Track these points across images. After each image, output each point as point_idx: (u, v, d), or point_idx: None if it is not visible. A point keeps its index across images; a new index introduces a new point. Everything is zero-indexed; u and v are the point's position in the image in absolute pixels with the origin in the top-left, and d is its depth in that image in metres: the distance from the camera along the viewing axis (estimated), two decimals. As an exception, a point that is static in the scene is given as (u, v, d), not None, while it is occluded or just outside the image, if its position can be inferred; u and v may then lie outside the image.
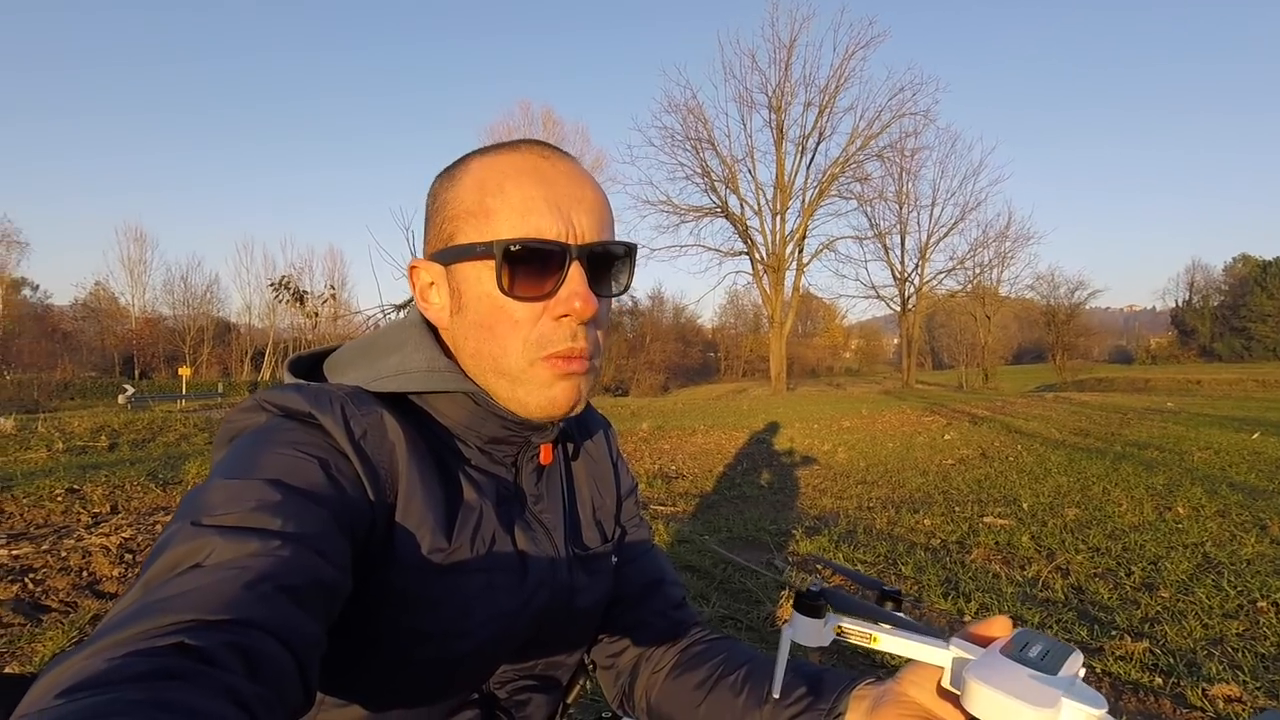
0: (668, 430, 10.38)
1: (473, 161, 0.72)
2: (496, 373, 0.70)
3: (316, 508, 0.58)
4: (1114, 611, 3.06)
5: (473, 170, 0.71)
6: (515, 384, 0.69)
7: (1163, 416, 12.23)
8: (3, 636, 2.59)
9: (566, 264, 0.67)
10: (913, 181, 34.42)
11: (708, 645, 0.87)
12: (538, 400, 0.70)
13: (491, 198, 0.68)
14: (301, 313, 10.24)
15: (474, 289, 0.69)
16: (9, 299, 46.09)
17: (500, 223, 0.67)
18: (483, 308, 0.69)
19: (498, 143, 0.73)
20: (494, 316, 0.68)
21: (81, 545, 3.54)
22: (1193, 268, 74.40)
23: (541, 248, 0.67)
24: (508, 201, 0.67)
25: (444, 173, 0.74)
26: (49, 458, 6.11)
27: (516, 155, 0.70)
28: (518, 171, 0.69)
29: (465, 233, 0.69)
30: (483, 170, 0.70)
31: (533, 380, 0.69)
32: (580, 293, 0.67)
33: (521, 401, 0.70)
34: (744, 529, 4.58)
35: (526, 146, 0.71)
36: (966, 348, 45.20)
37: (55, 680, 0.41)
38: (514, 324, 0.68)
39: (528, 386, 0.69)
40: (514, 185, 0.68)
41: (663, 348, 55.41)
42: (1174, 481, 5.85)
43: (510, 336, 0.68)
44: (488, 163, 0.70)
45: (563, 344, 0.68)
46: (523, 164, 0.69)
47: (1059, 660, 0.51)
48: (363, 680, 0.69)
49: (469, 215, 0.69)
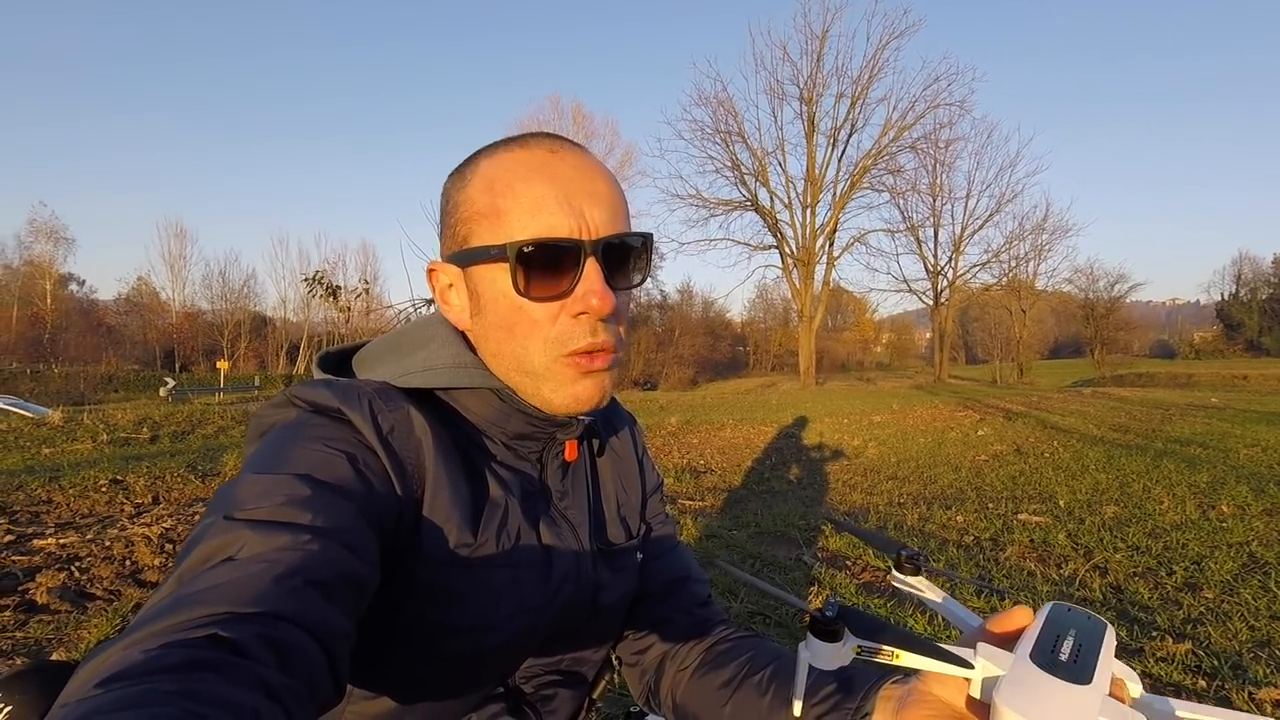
0: (696, 424, 10.36)
1: (481, 161, 0.71)
2: (520, 372, 0.70)
3: (345, 502, 0.59)
4: (1155, 612, 2.98)
5: (482, 170, 0.70)
6: (539, 382, 0.70)
7: (1206, 412, 11.90)
8: (50, 623, 2.67)
9: (581, 261, 0.67)
10: (947, 173, 33.87)
11: (733, 644, 0.86)
12: (562, 398, 0.70)
13: (502, 198, 0.67)
14: (335, 307, 10.39)
15: (491, 290, 0.69)
16: (56, 293, 47.51)
17: (512, 223, 0.66)
18: (501, 309, 0.68)
19: (507, 138, 0.72)
20: (513, 317, 0.68)
21: (125, 535, 3.64)
22: (1240, 260, 72.23)
23: (555, 246, 0.66)
24: (518, 201, 0.66)
25: (455, 173, 0.73)
26: (94, 449, 6.29)
27: (524, 152, 0.69)
28: (526, 169, 0.67)
29: (479, 235, 0.68)
30: (491, 169, 0.69)
31: (556, 378, 0.69)
32: (597, 289, 0.66)
33: (546, 399, 0.70)
34: (773, 524, 4.56)
35: (534, 141, 0.70)
36: (1001, 342, 44.45)
37: (94, 671, 0.42)
38: (533, 324, 0.68)
39: (551, 384, 0.69)
40: (523, 184, 0.67)
41: (691, 342, 55.28)
42: (1218, 479, 5.69)
43: (530, 336, 0.68)
44: (496, 161, 0.69)
45: (583, 340, 0.68)
46: (531, 161, 0.68)
47: (1092, 654, 0.48)
48: (390, 673, 0.69)
49: (481, 217, 0.68)
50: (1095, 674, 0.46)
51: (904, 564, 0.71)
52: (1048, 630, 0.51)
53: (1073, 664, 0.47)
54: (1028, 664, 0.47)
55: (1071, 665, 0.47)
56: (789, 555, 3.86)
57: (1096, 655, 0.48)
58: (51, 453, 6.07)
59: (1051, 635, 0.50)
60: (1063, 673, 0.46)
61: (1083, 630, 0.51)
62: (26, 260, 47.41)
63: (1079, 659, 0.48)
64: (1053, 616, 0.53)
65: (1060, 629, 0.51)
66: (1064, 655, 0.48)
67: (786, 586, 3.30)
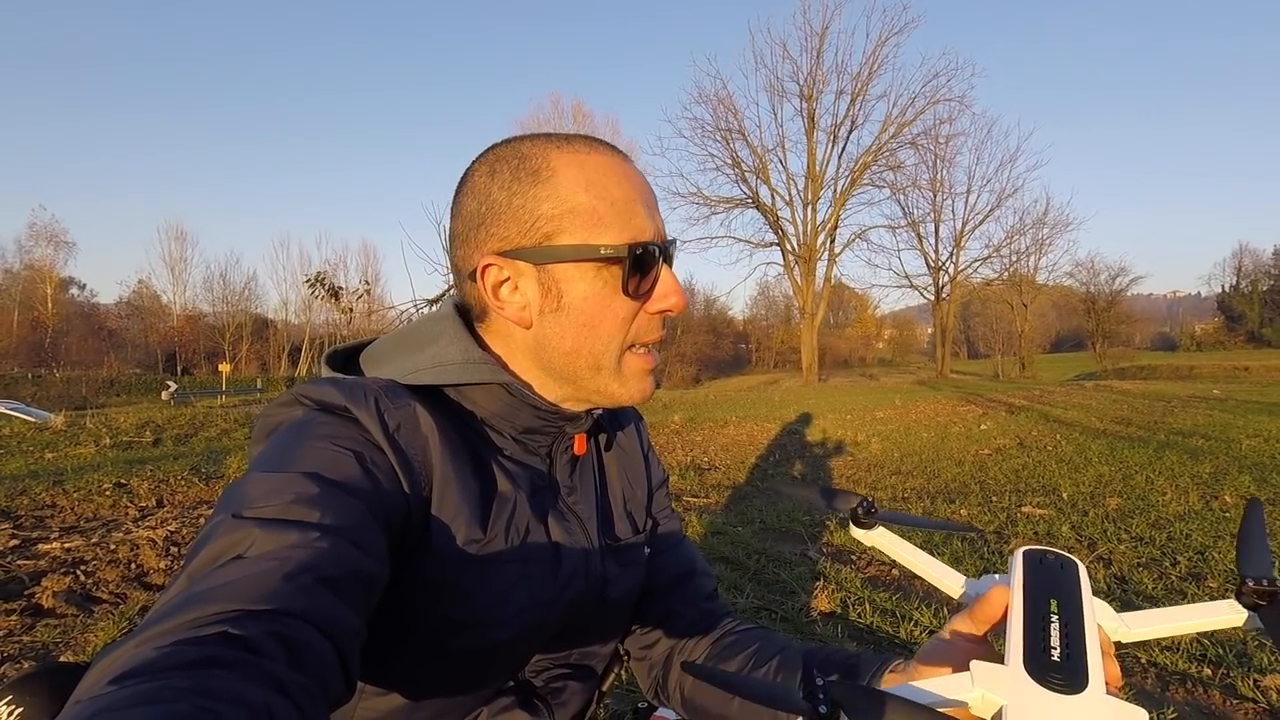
0: (700, 422, 10.36)
1: (555, 158, 0.70)
2: (593, 368, 0.72)
3: (353, 500, 0.59)
4: (1159, 602, 2.98)
5: (565, 168, 0.69)
6: (611, 377, 0.72)
7: (1209, 404, 11.89)
8: (57, 627, 2.68)
9: (662, 262, 0.71)
10: (947, 169, 33.82)
11: (739, 636, 0.87)
12: (630, 391, 0.74)
13: (600, 200, 0.69)
14: (336, 308, 10.38)
15: (580, 288, 0.69)
16: (57, 297, 47.56)
17: (610, 224, 0.69)
18: (589, 307, 0.70)
19: (559, 136, 0.73)
20: (600, 315, 0.70)
21: (129, 538, 3.65)
22: (1240, 251, 72.21)
23: (653, 249, 0.70)
24: (614, 204, 0.69)
25: (508, 166, 0.71)
26: (97, 453, 6.29)
27: (601, 156, 0.71)
28: (610, 171, 0.70)
29: (571, 233, 0.68)
30: (576, 168, 0.69)
31: (626, 370, 0.73)
32: (677, 289, 0.72)
33: (612, 393, 0.73)
34: (777, 520, 4.56)
35: (602, 146, 0.72)
36: (1003, 336, 44.44)
37: (107, 668, 0.42)
38: (619, 321, 0.71)
39: (622, 377, 0.73)
40: (615, 186, 0.70)
41: (694, 340, 55.27)
42: (1221, 470, 5.68)
43: (615, 333, 0.71)
44: (578, 160, 0.70)
45: (655, 335, 0.74)
46: (612, 165, 0.71)
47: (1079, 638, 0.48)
48: (401, 669, 0.70)
49: (573, 214, 0.68)
50: (1090, 674, 0.46)
51: (861, 519, 0.73)
52: (1032, 613, 0.51)
53: (1066, 663, 0.47)
54: (1025, 682, 0.46)
55: (1065, 666, 0.47)
56: (794, 550, 3.86)
57: (1083, 641, 0.48)
58: (54, 457, 6.07)
59: (1037, 621, 0.51)
60: (1060, 683, 0.46)
61: (1062, 595, 0.52)
62: (27, 264, 47.51)
63: (1070, 651, 0.48)
64: (1030, 586, 0.54)
65: (1043, 605, 0.52)
66: (1055, 651, 0.48)
67: (792, 582, 3.30)
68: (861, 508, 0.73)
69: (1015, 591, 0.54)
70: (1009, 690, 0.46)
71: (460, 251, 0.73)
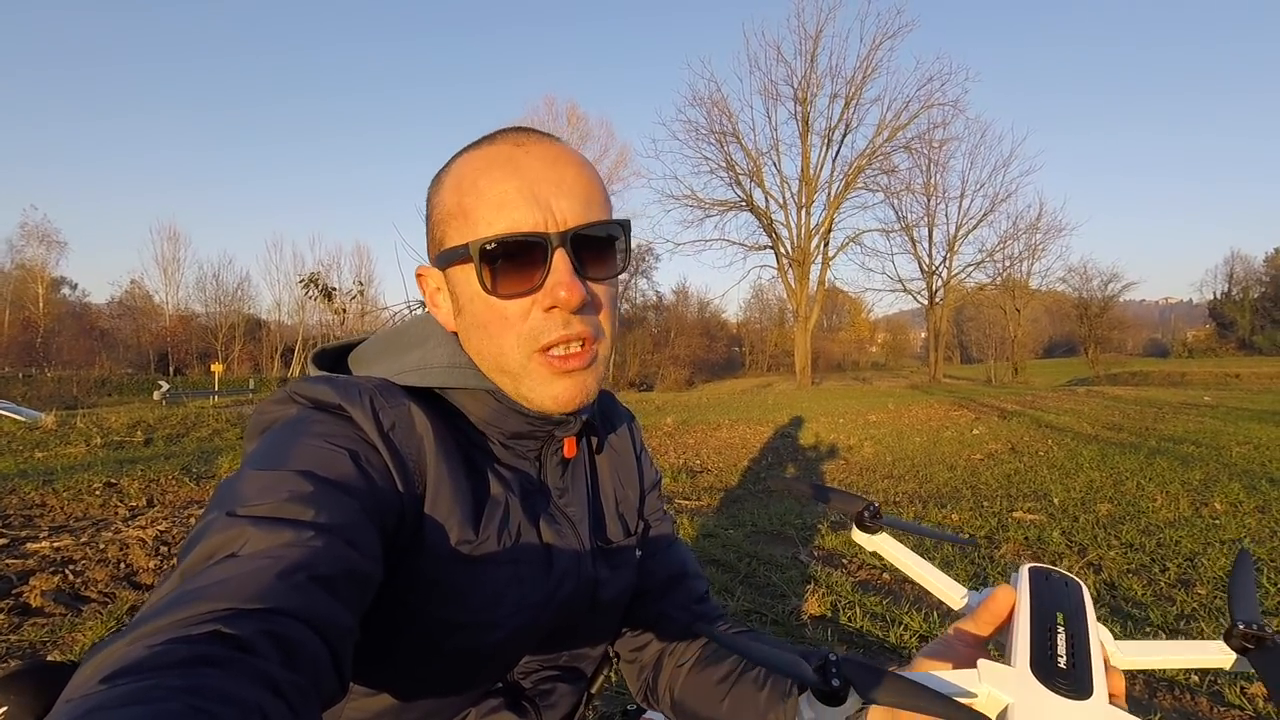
0: (692, 425, 10.35)
1: (454, 162, 0.71)
2: (500, 371, 0.70)
3: (347, 498, 0.59)
4: (1148, 608, 3.00)
5: (453, 171, 0.70)
6: (518, 381, 0.69)
7: (1199, 411, 11.94)
8: (45, 626, 2.66)
9: (549, 254, 0.66)
10: (941, 173, 33.84)
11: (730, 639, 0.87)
12: (540, 397, 0.69)
13: (468, 197, 0.67)
14: (330, 309, 10.33)
15: (466, 290, 0.69)
16: (49, 297, 47.20)
17: (478, 221, 0.66)
18: (476, 309, 0.68)
19: (480, 137, 0.72)
20: (486, 316, 0.68)
21: (119, 537, 3.63)
22: (1232, 259, 72.58)
23: (519, 241, 0.65)
24: (483, 199, 0.66)
25: (435, 176, 0.73)
26: (88, 453, 6.26)
27: (491, 149, 0.69)
28: (490, 165, 0.67)
29: (450, 236, 0.69)
30: (460, 169, 0.69)
31: (532, 376, 0.69)
32: (565, 281, 0.65)
33: (527, 398, 0.70)
34: (769, 523, 4.56)
35: (502, 137, 0.70)
36: (995, 341, 44.57)
37: (98, 667, 0.42)
38: (505, 321, 0.67)
39: (529, 383, 0.69)
40: (487, 180, 0.67)
41: (687, 342, 55.27)
42: (1211, 477, 5.71)
43: (505, 334, 0.68)
44: (465, 160, 0.70)
45: (555, 334, 0.67)
46: (496, 156, 0.68)
47: (1083, 650, 0.49)
48: (392, 670, 0.70)
49: (451, 218, 0.69)
50: (1094, 684, 0.47)
51: (866, 522, 0.72)
52: (1039, 621, 0.52)
53: (1072, 670, 0.48)
54: (1032, 683, 0.47)
55: (1071, 673, 0.47)
56: (785, 554, 3.87)
57: (1088, 652, 0.49)
58: (44, 456, 6.03)
59: (1043, 629, 0.51)
60: (1065, 688, 0.46)
61: (1067, 609, 0.53)
62: (18, 264, 47.13)
63: (1076, 660, 0.48)
64: (1037, 598, 0.54)
65: (1049, 616, 0.52)
66: (1061, 659, 0.49)
67: (783, 585, 3.30)
68: (867, 512, 0.72)
69: (1021, 600, 0.55)
70: (1016, 689, 0.47)
71: None
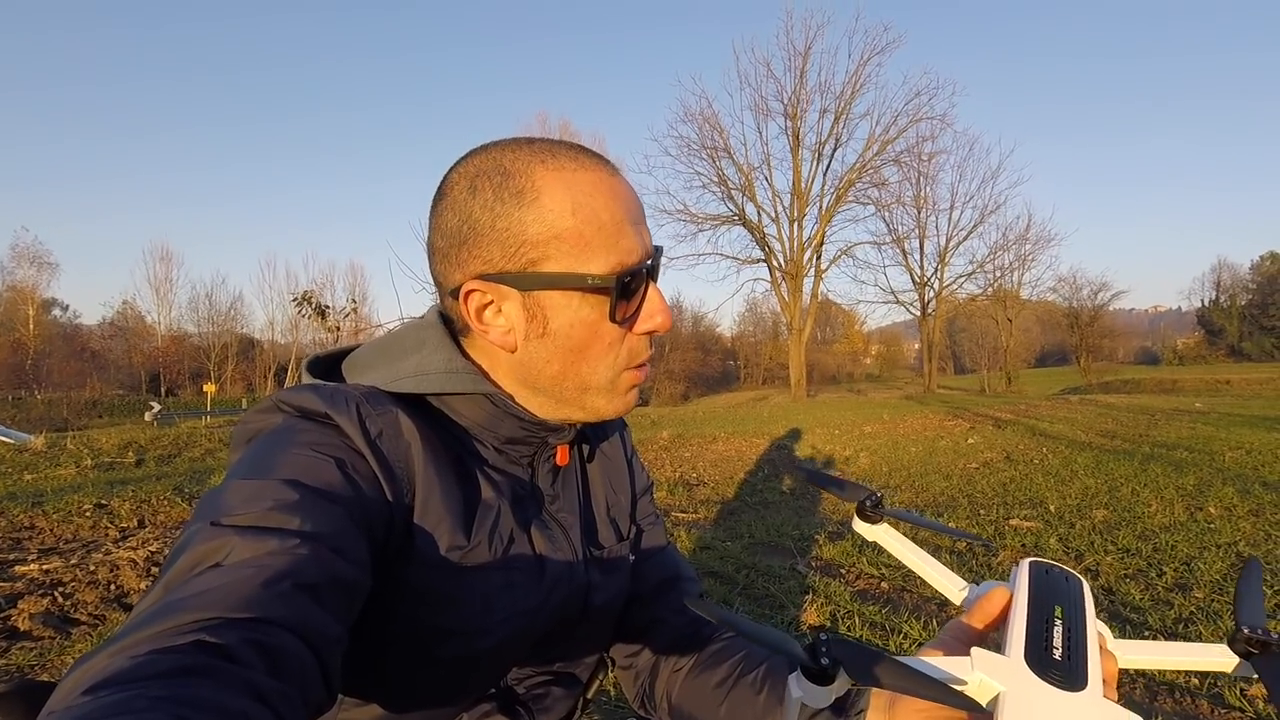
0: (688, 438, 10.34)
1: (540, 176, 0.66)
2: (581, 389, 0.71)
3: (334, 507, 0.58)
4: (1146, 612, 2.99)
5: (550, 188, 0.65)
6: (599, 395, 0.72)
7: (1191, 417, 11.98)
8: (34, 649, 2.63)
9: (648, 282, 0.70)
10: (931, 186, 34.06)
11: (726, 643, 0.86)
12: (615, 407, 0.73)
13: (585, 224, 0.65)
14: (323, 327, 10.32)
15: (566, 316, 0.67)
16: (39, 319, 46.98)
17: (597, 250, 0.66)
18: (577, 334, 0.68)
19: (543, 145, 0.68)
20: (588, 341, 0.69)
21: (109, 559, 3.59)
22: (1219, 266, 73.18)
23: (641, 272, 0.68)
24: (602, 229, 0.66)
25: (490, 183, 0.66)
26: (78, 474, 6.20)
27: (587, 172, 0.67)
28: (598, 190, 0.66)
29: (557, 259, 0.65)
30: (562, 189, 0.65)
31: (614, 389, 0.72)
32: (664, 309, 0.70)
33: (598, 409, 0.73)
34: (766, 535, 4.54)
35: (590, 160, 0.68)
36: (988, 351, 44.70)
37: (80, 678, 0.41)
38: (607, 346, 0.69)
39: (609, 396, 0.72)
40: (603, 208, 0.66)
41: (682, 356, 55.28)
42: (1205, 482, 5.73)
43: (604, 357, 0.70)
44: (564, 180, 0.66)
45: (645, 354, 0.72)
46: (599, 183, 0.67)
47: (1080, 644, 0.49)
48: (384, 677, 0.69)
49: (559, 240, 0.65)
50: (1089, 676, 0.47)
51: (868, 511, 0.72)
52: (1036, 613, 0.52)
53: (1066, 662, 0.47)
54: (1025, 673, 0.47)
55: (1066, 665, 0.47)
56: (783, 565, 3.85)
57: (1085, 645, 0.49)
58: (34, 478, 5.98)
59: (1040, 621, 0.51)
60: (1060, 679, 0.46)
61: (1066, 603, 0.53)
62: (9, 286, 46.92)
63: (1071, 653, 0.48)
64: (1035, 591, 0.54)
65: (1046, 609, 0.52)
66: (1057, 651, 0.48)
67: (781, 595, 3.29)
68: (869, 501, 0.71)
69: (1019, 593, 0.55)
70: (1008, 678, 0.47)
71: (440, 267, 0.71)
